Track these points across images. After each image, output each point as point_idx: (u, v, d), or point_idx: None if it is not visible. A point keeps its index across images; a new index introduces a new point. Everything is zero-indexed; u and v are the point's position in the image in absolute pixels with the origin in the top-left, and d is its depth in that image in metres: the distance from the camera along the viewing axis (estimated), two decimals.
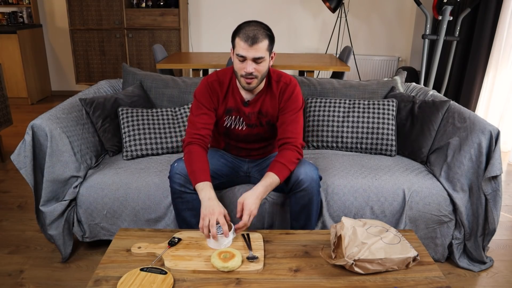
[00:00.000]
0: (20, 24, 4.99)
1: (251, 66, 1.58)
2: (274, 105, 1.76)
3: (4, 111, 3.16)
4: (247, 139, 1.83)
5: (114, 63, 4.92)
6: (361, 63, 5.03)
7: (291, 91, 1.74)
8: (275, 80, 1.75)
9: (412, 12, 4.88)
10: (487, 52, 3.60)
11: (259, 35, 1.56)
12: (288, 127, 1.71)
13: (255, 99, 1.75)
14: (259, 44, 1.56)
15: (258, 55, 1.57)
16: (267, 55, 1.61)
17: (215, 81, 1.75)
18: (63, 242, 1.92)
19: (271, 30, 1.64)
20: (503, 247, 2.18)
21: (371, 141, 2.21)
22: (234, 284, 1.25)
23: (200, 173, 1.57)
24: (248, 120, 1.78)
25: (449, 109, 2.13)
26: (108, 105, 2.20)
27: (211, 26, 5.12)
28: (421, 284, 1.26)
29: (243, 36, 1.57)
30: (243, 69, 1.60)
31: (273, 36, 1.64)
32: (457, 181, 1.89)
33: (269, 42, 1.60)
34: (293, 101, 1.73)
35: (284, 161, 1.63)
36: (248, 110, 1.76)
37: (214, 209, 1.44)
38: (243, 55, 1.57)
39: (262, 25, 1.61)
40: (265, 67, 1.63)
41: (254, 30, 1.57)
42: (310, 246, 1.45)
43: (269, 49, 1.62)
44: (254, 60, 1.58)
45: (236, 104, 1.76)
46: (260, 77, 1.64)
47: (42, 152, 1.82)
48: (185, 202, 1.73)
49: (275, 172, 1.60)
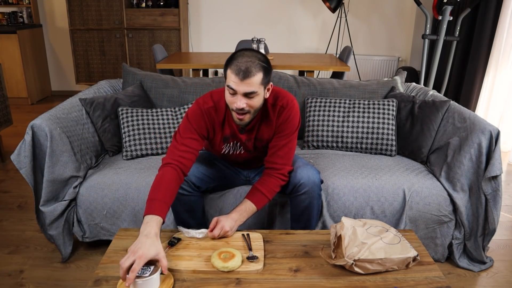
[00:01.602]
0: (20, 24, 4.99)
1: (242, 101, 1.45)
2: (270, 130, 1.66)
3: (4, 111, 3.16)
4: (244, 161, 1.80)
5: (114, 63, 4.92)
6: (361, 63, 5.03)
7: (287, 115, 1.61)
8: (271, 103, 1.62)
9: (412, 12, 4.88)
10: (487, 52, 3.60)
11: (252, 68, 1.42)
12: (279, 151, 1.62)
13: (250, 126, 1.65)
14: (251, 78, 1.42)
15: (249, 90, 1.44)
16: (260, 89, 1.48)
17: (212, 108, 1.61)
18: (63, 242, 1.92)
19: (267, 61, 1.50)
20: (503, 247, 2.18)
21: (371, 141, 2.21)
22: (234, 284, 1.25)
23: (158, 206, 1.35)
24: (245, 146, 1.71)
25: (449, 109, 2.13)
26: (108, 105, 2.20)
27: (211, 26, 5.12)
28: (421, 284, 1.25)
29: (235, 69, 1.43)
30: (233, 103, 1.48)
31: (269, 68, 1.50)
32: (457, 181, 1.89)
33: (264, 75, 1.46)
34: (288, 125, 1.62)
35: (265, 190, 1.58)
36: (245, 137, 1.68)
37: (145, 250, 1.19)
38: (234, 89, 1.45)
39: (258, 55, 1.47)
40: (258, 102, 1.50)
41: (247, 62, 1.42)
42: (310, 246, 1.45)
43: (264, 82, 1.48)
44: (245, 95, 1.45)
45: (232, 131, 1.67)
46: (254, 112, 1.52)
47: (42, 152, 1.82)
48: (183, 204, 1.73)
49: (253, 201, 1.56)
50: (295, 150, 1.70)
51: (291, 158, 1.66)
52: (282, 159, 1.63)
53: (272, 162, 1.63)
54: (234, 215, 1.52)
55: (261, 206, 1.59)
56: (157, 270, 1.19)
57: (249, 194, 1.60)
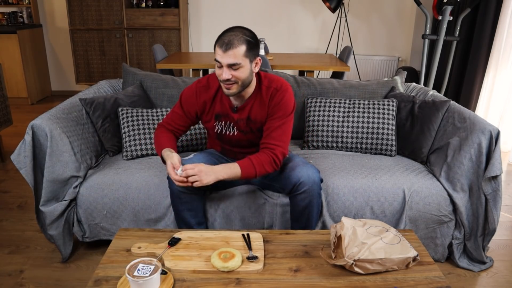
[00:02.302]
0: (20, 24, 4.99)
1: (227, 73, 1.54)
2: (263, 111, 1.70)
3: (4, 111, 3.16)
4: (239, 143, 1.81)
5: (114, 63, 4.92)
6: (361, 63, 5.03)
7: (280, 97, 1.67)
8: (265, 85, 1.70)
9: (412, 12, 4.88)
10: (487, 52, 3.60)
11: (235, 40, 1.52)
12: (273, 133, 1.66)
13: (243, 105, 1.71)
14: (233, 49, 1.51)
15: (232, 61, 1.52)
16: (245, 61, 1.55)
17: (203, 87, 1.74)
18: (63, 242, 1.92)
19: (253, 36, 1.58)
20: (503, 247, 2.18)
21: (371, 141, 2.21)
22: (234, 284, 1.25)
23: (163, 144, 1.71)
24: (238, 126, 1.74)
25: (449, 109, 2.13)
26: (108, 105, 2.20)
27: (211, 26, 5.12)
28: (421, 284, 1.26)
29: (220, 42, 1.54)
30: (220, 75, 1.57)
31: (255, 42, 1.57)
32: (457, 181, 1.89)
33: (248, 48, 1.54)
34: (281, 107, 1.67)
35: (254, 161, 1.61)
36: (237, 116, 1.72)
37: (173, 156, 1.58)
38: (219, 61, 1.55)
39: (244, 31, 1.56)
40: (244, 73, 1.57)
41: (231, 36, 1.52)
42: (310, 246, 1.45)
43: (249, 55, 1.55)
44: (230, 66, 1.54)
45: (224, 110, 1.73)
46: (241, 83, 1.59)
47: (42, 152, 1.82)
48: (184, 202, 1.73)
49: (240, 164, 1.59)
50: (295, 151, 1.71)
51: (285, 141, 1.68)
52: (274, 140, 1.66)
53: (266, 142, 1.68)
54: (217, 167, 1.57)
55: (245, 174, 1.60)
56: (157, 270, 1.20)
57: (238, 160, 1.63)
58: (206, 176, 1.52)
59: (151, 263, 1.22)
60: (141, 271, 1.18)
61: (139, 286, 1.15)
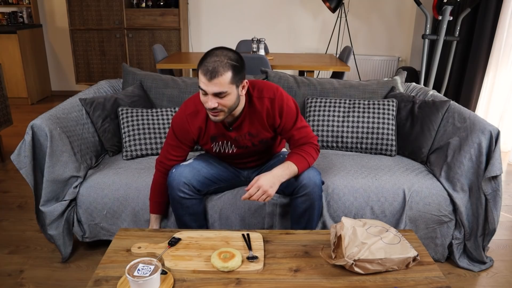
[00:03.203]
0: (20, 24, 4.99)
1: (213, 101, 1.46)
2: (262, 123, 1.65)
3: (4, 111, 3.16)
4: (240, 157, 1.80)
5: (114, 63, 4.92)
6: (361, 63, 5.02)
7: (280, 105, 1.62)
8: (256, 97, 1.62)
9: (412, 12, 4.88)
10: (487, 52, 3.60)
11: (219, 68, 1.41)
12: (297, 136, 1.68)
13: (238, 123, 1.64)
14: (219, 78, 1.42)
15: (218, 90, 1.43)
16: (231, 88, 1.46)
17: (192, 113, 1.66)
18: (63, 242, 1.92)
19: (238, 59, 1.48)
20: (503, 247, 2.18)
21: (371, 141, 2.21)
22: (234, 284, 1.25)
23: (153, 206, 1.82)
24: (237, 143, 1.71)
25: (449, 109, 2.13)
26: (108, 105, 2.20)
27: (211, 26, 5.12)
28: (421, 284, 1.25)
29: (203, 69, 1.43)
30: (206, 103, 1.49)
31: (240, 65, 1.47)
32: (457, 181, 1.89)
33: (234, 74, 1.44)
34: (287, 113, 1.63)
35: (302, 153, 1.64)
36: (234, 134, 1.67)
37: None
38: (203, 89, 1.46)
39: (229, 53, 1.46)
40: (231, 100, 1.48)
41: (215, 62, 1.42)
42: (310, 246, 1.45)
43: (235, 81, 1.46)
44: (215, 95, 1.45)
45: (219, 131, 1.67)
46: (228, 110, 1.52)
47: (42, 152, 1.82)
48: (185, 207, 1.73)
49: (293, 161, 1.60)
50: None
51: (310, 132, 1.71)
52: (305, 137, 1.68)
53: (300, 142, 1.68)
54: (276, 171, 1.54)
55: (302, 168, 1.61)
56: (157, 270, 1.20)
57: (287, 158, 1.63)
58: (271, 189, 1.51)
59: (151, 263, 1.22)
60: (141, 271, 1.18)
61: (139, 286, 1.15)
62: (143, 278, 1.16)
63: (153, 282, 1.17)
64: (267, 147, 1.79)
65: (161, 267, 1.24)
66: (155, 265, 1.21)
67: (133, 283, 1.15)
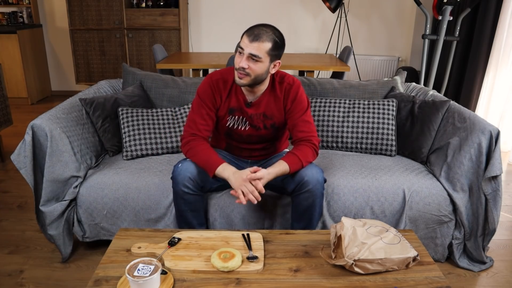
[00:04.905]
0: (20, 24, 4.99)
1: (245, 62, 1.59)
2: (279, 107, 1.76)
3: (4, 111, 3.16)
4: (249, 139, 1.83)
5: (114, 63, 4.92)
6: (361, 63, 5.02)
7: (296, 92, 1.74)
8: (278, 81, 1.75)
9: (412, 12, 4.88)
10: (487, 52, 3.60)
11: (264, 35, 1.57)
12: (301, 127, 1.73)
13: (258, 101, 1.75)
14: (259, 42, 1.57)
15: (255, 53, 1.57)
16: (266, 58, 1.60)
17: (220, 79, 1.75)
18: (63, 242, 1.92)
19: (281, 39, 1.63)
20: (503, 247, 2.18)
21: (371, 141, 2.21)
22: (234, 284, 1.25)
23: (214, 160, 1.64)
24: (251, 121, 1.77)
25: (449, 109, 2.13)
26: (108, 105, 2.20)
27: (211, 26, 5.12)
28: (421, 284, 1.26)
29: (249, 32, 1.59)
30: (238, 62, 1.61)
31: (281, 44, 1.63)
32: (457, 181, 1.89)
33: (273, 47, 1.59)
34: (299, 101, 1.74)
35: (297, 153, 1.66)
36: (251, 111, 1.76)
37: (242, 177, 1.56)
38: (242, 48, 1.59)
39: (275, 30, 1.62)
40: (261, 68, 1.61)
41: (261, 30, 1.58)
42: (310, 246, 1.45)
43: (271, 53, 1.60)
44: (250, 56, 1.58)
45: (238, 104, 1.76)
46: (254, 77, 1.63)
47: (42, 152, 1.82)
48: (188, 203, 1.73)
49: (286, 161, 1.63)
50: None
51: (314, 131, 1.75)
52: (307, 132, 1.72)
53: (300, 136, 1.72)
54: (268, 168, 1.61)
55: (294, 168, 1.64)
56: (157, 270, 1.20)
57: (282, 157, 1.67)
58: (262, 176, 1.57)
59: (151, 263, 1.22)
60: (141, 271, 1.18)
61: (139, 286, 1.15)
62: (143, 278, 1.16)
63: (153, 282, 1.18)
64: (274, 137, 1.85)
65: (161, 267, 1.24)
66: (155, 265, 1.21)
67: (133, 283, 1.16)
